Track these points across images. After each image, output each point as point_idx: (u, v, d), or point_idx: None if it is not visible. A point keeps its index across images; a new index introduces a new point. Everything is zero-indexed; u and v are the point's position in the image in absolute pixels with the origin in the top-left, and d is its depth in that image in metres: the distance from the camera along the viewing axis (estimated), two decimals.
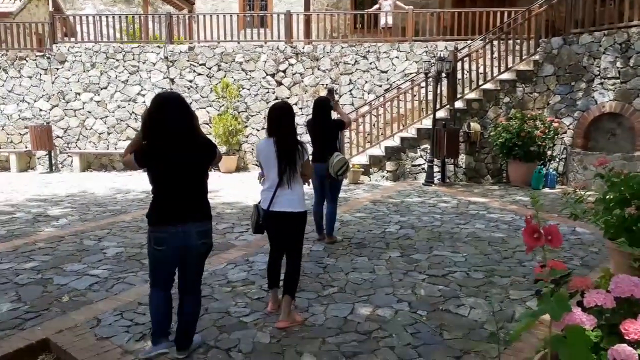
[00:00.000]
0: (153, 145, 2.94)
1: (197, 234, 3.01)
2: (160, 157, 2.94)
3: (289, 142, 3.64)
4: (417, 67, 11.67)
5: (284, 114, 3.70)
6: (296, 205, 3.65)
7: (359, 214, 7.32)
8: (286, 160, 3.60)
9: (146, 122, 3.02)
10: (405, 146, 10.55)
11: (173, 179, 2.97)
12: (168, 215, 2.97)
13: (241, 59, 12.17)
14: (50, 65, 12.30)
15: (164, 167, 2.95)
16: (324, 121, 5.63)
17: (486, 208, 7.67)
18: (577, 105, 9.42)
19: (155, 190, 3.04)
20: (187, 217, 2.98)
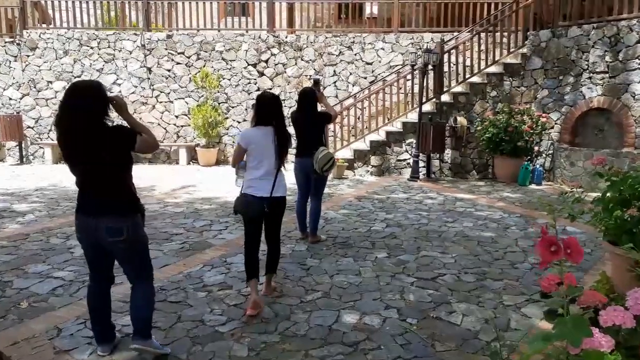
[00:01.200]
0: (57, 136, 2.83)
1: (106, 229, 2.80)
2: (63, 147, 2.81)
3: (286, 131, 3.87)
4: (403, 59, 11.41)
5: (279, 104, 3.93)
6: (285, 190, 3.95)
7: (343, 210, 7.05)
8: (285, 149, 3.85)
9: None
10: (391, 140, 10.30)
11: (77, 170, 2.85)
12: (79, 206, 2.91)
13: (221, 47, 11.75)
14: (21, 52, 11.71)
15: (68, 158, 2.84)
16: (309, 113, 5.32)
17: (473, 205, 7.47)
18: (565, 100, 9.26)
19: (75, 181, 2.93)
20: (95, 210, 2.82)
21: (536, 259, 4.95)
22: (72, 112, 2.74)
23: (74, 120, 2.73)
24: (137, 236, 2.92)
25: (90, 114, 2.74)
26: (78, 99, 2.75)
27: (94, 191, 2.84)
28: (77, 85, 2.85)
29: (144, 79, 11.78)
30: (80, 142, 2.75)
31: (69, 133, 2.77)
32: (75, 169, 2.84)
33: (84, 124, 2.72)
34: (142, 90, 11.79)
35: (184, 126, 11.86)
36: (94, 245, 2.90)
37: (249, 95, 11.79)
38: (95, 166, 2.77)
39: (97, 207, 2.81)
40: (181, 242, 5.46)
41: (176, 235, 5.72)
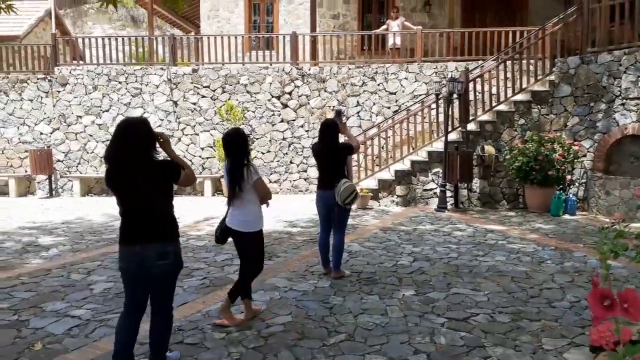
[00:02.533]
0: (107, 169, 3.01)
1: (155, 254, 2.95)
2: (112, 181, 2.98)
3: (238, 166, 3.90)
4: (427, 88, 11.30)
5: (234, 140, 3.97)
6: (241, 225, 3.98)
7: (368, 243, 6.84)
8: (231, 184, 3.91)
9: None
10: (416, 170, 10.10)
11: (127, 201, 2.99)
12: (124, 236, 3.02)
13: (246, 80, 11.87)
14: (52, 88, 12.06)
15: (116, 190, 3.00)
16: (331, 144, 5.19)
17: (505, 237, 7.15)
18: (597, 127, 8.95)
19: (119, 211, 3.07)
20: (142, 237, 2.96)
21: (575, 297, 4.63)
22: (125, 146, 2.93)
23: (127, 154, 2.92)
24: (179, 260, 3.10)
25: (141, 148, 2.94)
26: (130, 134, 2.95)
27: (141, 220, 2.99)
28: (128, 122, 3.09)
29: (170, 112, 11.94)
30: (131, 174, 2.92)
31: (121, 165, 2.95)
32: (124, 199, 3.00)
33: (135, 157, 2.92)
34: (168, 123, 11.95)
35: (209, 158, 11.91)
36: (138, 273, 3.00)
37: (272, 126, 11.82)
38: (146, 196, 2.96)
39: (144, 234, 2.96)
40: (202, 277, 5.33)
41: (197, 271, 5.59)
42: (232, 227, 4.01)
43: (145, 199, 2.97)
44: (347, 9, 14.45)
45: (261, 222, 4.08)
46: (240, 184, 3.88)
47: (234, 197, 3.93)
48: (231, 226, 4.01)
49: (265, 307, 4.43)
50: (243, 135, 4.04)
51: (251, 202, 3.98)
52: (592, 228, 7.77)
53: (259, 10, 14.95)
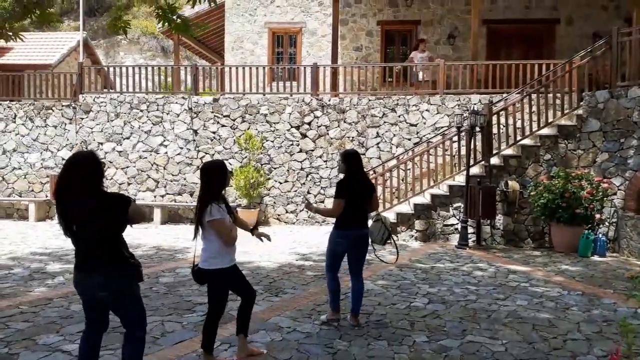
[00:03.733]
0: (56, 200, 3.08)
1: (96, 285, 3.00)
2: (60, 211, 3.04)
3: (201, 198, 3.71)
4: (449, 121, 11.05)
5: (204, 172, 3.79)
6: (202, 261, 3.74)
7: (381, 281, 6.52)
8: (197, 217, 3.71)
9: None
10: (436, 204, 9.77)
11: (72, 231, 3.02)
12: (75, 262, 3.11)
13: (266, 110, 11.85)
14: (75, 115, 12.27)
15: (64, 220, 3.04)
16: (365, 176, 4.86)
17: (528, 279, 6.73)
18: (629, 164, 8.51)
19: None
20: (86, 267, 3.04)
21: (603, 350, 4.22)
22: (73, 179, 3.00)
23: (74, 186, 2.98)
24: (124, 289, 3.09)
25: (87, 180, 3.00)
26: (78, 167, 3.02)
27: (86, 250, 3.05)
28: (77, 155, 3.17)
29: (189, 140, 11.97)
30: (78, 205, 2.95)
31: (68, 197, 2.99)
32: (70, 229, 3.03)
33: (82, 189, 2.97)
34: (187, 151, 11.96)
35: None
36: (89, 299, 3.10)
37: (291, 156, 11.70)
38: (89, 227, 2.98)
39: (88, 264, 3.03)
40: (203, 313, 5.09)
41: (199, 306, 5.37)
42: (200, 265, 3.76)
43: (88, 232, 2.99)
44: (370, 42, 14.45)
45: (223, 260, 3.71)
46: (201, 220, 3.66)
47: (199, 234, 3.72)
48: (199, 264, 3.77)
49: (265, 350, 4.16)
50: (217, 169, 3.75)
51: (212, 238, 3.68)
52: (622, 272, 7.28)
53: (283, 42, 15.10)
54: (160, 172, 12.01)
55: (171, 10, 4.44)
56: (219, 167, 3.79)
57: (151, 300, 5.57)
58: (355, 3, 14.40)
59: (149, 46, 31.59)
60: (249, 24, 14.80)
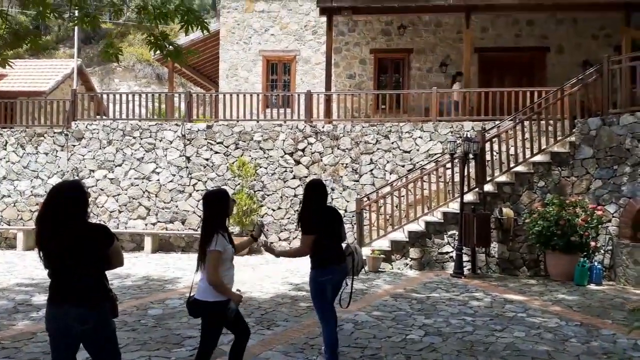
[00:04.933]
0: (36, 230, 3.02)
1: (75, 319, 2.88)
2: (40, 242, 2.97)
3: (205, 228, 3.64)
4: (442, 148, 11.06)
5: (207, 202, 3.71)
6: (202, 293, 3.59)
7: (376, 312, 6.37)
8: (200, 245, 3.61)
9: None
10: (431, 231, 9.67)
11: (52, 263, 2.95)
12: (50, 296, 2.98)
13: (259, 137, 11.82)
14: (67, 142, 12.18)
15: (44, 251, 2.96)
16: (327, 206, 4.50)
17: (525, 309, 6.61)
18: (622, 191, 8.50)
19: (48, 272, 3.03)
20: (65, 300, 2.91)
21: None
22: (55, 209, 2.93)
23: (56, 217, 2.91)
24: (104, 326, 2.98)
25: (70, 211, 2.93)
26: (61, 197, 2.95)
27: (65, 283, 2.94)
28: (60, 185, 3.07)
29: (182, 167, 11.89)
30: (59, 236, 2.89)
31: (50, 227, 2.91)
32: (49, 260, 2.94)
33: (64, 220, 2.90)
34: (180, 179, 11.87)
35: None
36: (63, 335, 2.94)
37: (284, 183, 11.64)
38: (71, 260, 2.90)
39: (67, 297, 2.90)
40: (192, 347, 4.93)
41: (189, 339, 5.21)
42: (197, 296, 3.58)
43: (70, 263, 2.91)
44: (363, 70, 14.58)
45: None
46: (205, 250, 3.54)
47: (200, 263, 3.60)
48: (197, 296, 3.59)
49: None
50: (220, 197, 3.70)
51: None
52: (620, 301, 7.17)
53: (277, 70, 15.20)
54: (152, 199, 11.89)
55: (163, 37, 4.42)
56: (222, 195, 3.74)
57: (139, 334, 5.40)
58: (348, 32, 14.57)
59: (144, 73, 31.77)
60: (243, 51, 14.92)
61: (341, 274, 4.36)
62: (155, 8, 4.27)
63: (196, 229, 11.67)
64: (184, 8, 4.17)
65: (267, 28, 14.85)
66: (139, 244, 11.72)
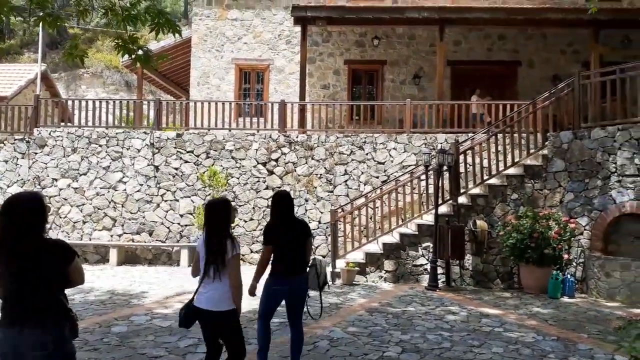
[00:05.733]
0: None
1: (30, 343, 2.63)
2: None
3: (219, 234, 3.60)
4: (416, 159, 11.03)
5: (217, 208, 3.72)
6: (218, 303, 3.53)
7: (352, 328, 6.18)
8: (213, 253, 3.54)
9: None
10: (406, 243, 9.57)
11: (5, 282, 2.71)
12: (3, 318, 2.72)
13: (231, 146, 11.56)
14: (29, 150, 11.65)
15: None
16: (298, 220, 4.53)
17: (501, 323, 6.53)
18: (594, 204, 8.59)
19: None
20: (19, 322, 2.66)
21: None
22: (10, 224, 2.70)
23: (10, 232, 2.69)
24: (64, 350, 2.76)
25: (26, 226, 2.70)
26: (17, 211, 2.73)
27: (20, 303, 2.71)
28: (17, 197, 2.82)
29: (150, 177, 11.51)
30: (13, 254, 2.67)
31: (4, 244, 2.69)
32: (2, 280, 2.71)
33: (20, 236, 2.68)
34: (147, 188, 11.47)
35: (188, 226, 11.34)
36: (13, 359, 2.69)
37: (257, 193, 11.39)
38: (26, 279, 2.68)
39: (22, 319, 2.67)
40: None
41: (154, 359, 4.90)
42: (207, 307, 3.52)
43: (27, 281, 2.69)
44: (337, 80, 14.51)
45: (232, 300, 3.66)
46: (223, 256, 3.52)
47: (215, 271, 3.52)
48: (205, 306, 3.52)
49: None
50: (228, 205, 3.78)
51: (227, 276, 3.58)
52: (594, 314, 7.19)
53: (250, 79, 14.99)
54: (118, 210, 11.44)
55: (132, 41, 4.18)
56: (228, 203, 3.81)
57: (101, 354, 5.06)
58: (322, 42, 14.50)
59: (112, 80, 31.02)
60: (215, 59, 14.66)
61: (297, 285, 4.34)
62: (124, 9, 4.03)
63: (164, 241, 11.30)
64: (154, 10, 3.94)
65: (241, 36, 14.65)
66: (104, 256, 11.25)
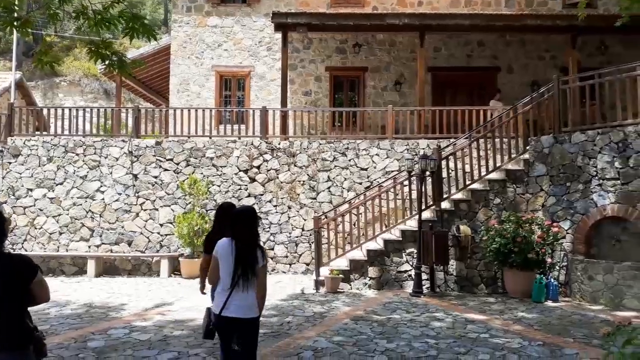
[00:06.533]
0: None
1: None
2: None
3: (251, 244, 3.59)
4: (399, 165, 11.00)
5: (248, 216, 3.67)
6: (247, 311, 3.56)
7: (337, 337, 6.05)
8: (244, 262, 3.53)
9: None
10: (390, 250, 9.50)
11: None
12: None
13: (212, 154, 11.38)
14: (2, 159, 11.30)
15: None
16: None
17: (487, 329, 6.48)
18: (576, 207, 8.63)
19: None
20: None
21: None
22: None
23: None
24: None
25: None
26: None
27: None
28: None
29: (129, 186, 11.26)
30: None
31: None
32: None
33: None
34: (126, 197, 11.22)
35: (168, 235, 11.10)
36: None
37: (239, 201, 11.20)
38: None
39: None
40: None
41: None
42: (237, 315, 3.53)
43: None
44: (319, 87, 14.44)
45: None
46: (253, 264, 3.56)
47: (247, 281, 3.54)
48: (234, 314, 3.52)
49: None
50: (255, 213, 3.79)
51: (254, 286, 3.62)
52: (578, 318, 7.19)
53: (231, 86, 14.84)
54: (96, 220, 11.15)
55: (105, 46, 4.02)
56: (255, 211, 3.79)
57: None
58: (304, 49, 14.44)
59: (91, 88, 30.53)
60: (195, 66, 14.48)
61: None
62: (96, 13, 3.87)
63: (143, 251, 11.04)
64: (128, 14, 3.79)
65: (221, 43, 14.50)
66: (82, 268, 10.93)
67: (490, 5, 14.11)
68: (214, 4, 14.42)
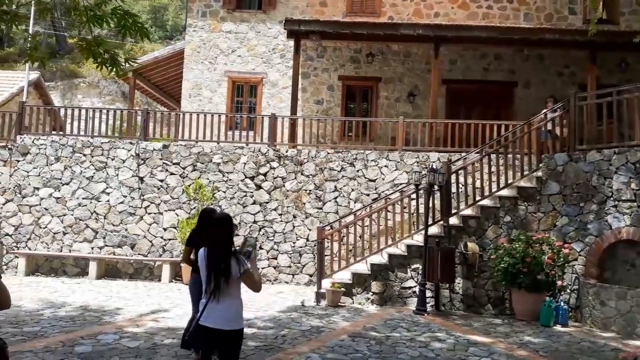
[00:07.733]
0: None
1: None
2: None
3: (223, 252, 3.44)
4: (408, 178, 10.75)
5: (221, 224, 3.55)
6: (228, 323, 3.42)
7: (330, 354, 5.82)
8: (216, 271, 3.41)
9: None
10: (394, 264, 9.24)
11: None
12: None
13: (219, 159, 11.27)
14: (11, 157, 11.33)
15: None
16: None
17: (490, 353, 6.18)
18: (589, 229, 8.29)
19: None
20: None
21: None
22: None
23: None
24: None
25: None
26: None
27: None
28: None
29: (134, 188, 11.19)
30: None
31: None
32: None
33: None
34: (131, 200, 11.15)
35: (171, 239, 10.99)
36: None
37: (244, 208, 11.08)
38: None
39: None
40: None
41: None
42: (215, 326, 3.38)
43: None
44: (331, 96, 14.29)
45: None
46: (230, 273, 3.40)
47: (219, 291, 3.40)
48: (213, 325, 3.39)
49: None
50: (229, 221, 3.63)
51: (239, 294, 3.54)
52: (587, 345, 6.84)
53: (243, 92, 14.77)
54: (100, 221, 11.10)
55: (97, 43, 3.91)
56: (231, 218, 3.69)
57: None
58: (317, 57, 14.32)
59: (109, 90, 30.88)
60: (208, 71, 14.45)
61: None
62: (88, 9, 3.77)
63: (146, 255, 10.94)
64: (120, 11, 3.68)
65: (234, 49, 14.46)
66: (84, 269, 10.87)
67: (508, 19, 13.86)
68: (229, 9, 14.41)
